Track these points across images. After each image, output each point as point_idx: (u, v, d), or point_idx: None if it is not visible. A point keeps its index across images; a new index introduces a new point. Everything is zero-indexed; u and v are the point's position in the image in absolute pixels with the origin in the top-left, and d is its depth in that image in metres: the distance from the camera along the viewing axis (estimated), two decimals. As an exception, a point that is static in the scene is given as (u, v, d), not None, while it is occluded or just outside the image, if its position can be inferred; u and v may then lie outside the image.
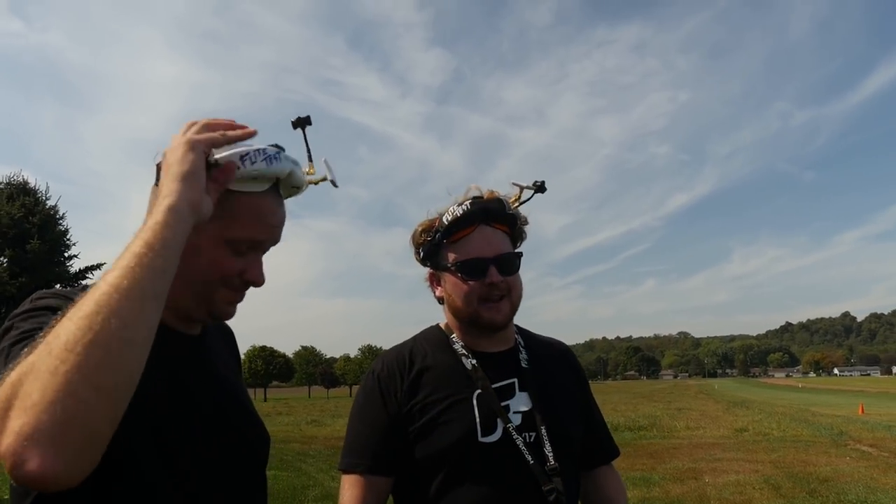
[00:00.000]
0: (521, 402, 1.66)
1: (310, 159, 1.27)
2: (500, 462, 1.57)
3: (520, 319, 1.82)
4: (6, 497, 7.38)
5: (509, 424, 1.61)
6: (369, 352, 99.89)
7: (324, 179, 1.28)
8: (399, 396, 1.66)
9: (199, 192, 1.04)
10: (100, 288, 0.88)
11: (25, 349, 0.86)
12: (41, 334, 0.87)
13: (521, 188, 1.73)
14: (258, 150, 1.15)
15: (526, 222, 1.75)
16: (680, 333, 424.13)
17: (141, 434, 1.06)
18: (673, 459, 12.89)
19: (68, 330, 0.84)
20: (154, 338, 0.92)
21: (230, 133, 1.11)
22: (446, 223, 1.67)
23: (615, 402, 36.90)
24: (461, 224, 1.66)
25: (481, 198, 1.69)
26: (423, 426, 1.62)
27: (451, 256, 1.69)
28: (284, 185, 1.21)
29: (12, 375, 0.83)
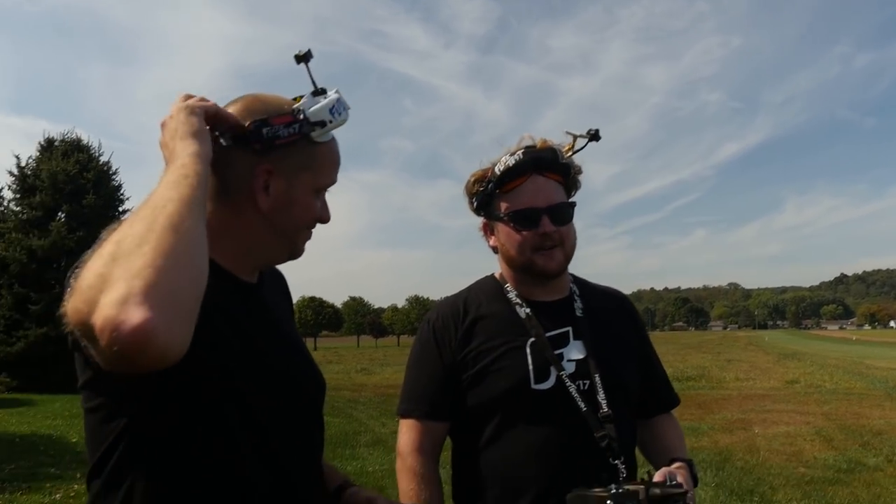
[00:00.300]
0: (574, 351, 1.66)
1: (314, 86, 1.27)
2: (552, 409, 1.59)
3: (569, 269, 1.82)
4: (74, 440, 7.80)
5: (562, 372, 1.61)
6: (416, 302, 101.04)
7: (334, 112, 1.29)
8: (453, 345, 1.69)
9: (209, 147, 1.10)
10: (152, 198, 0.96)
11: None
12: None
13: (575, 137, 1.71)
14: (339, 101, 1.23)
15: (580, 171, 1.73)
16: (730, 285, 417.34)
17: (212, 376, 1.11)
18: (722, 410, 12.84)
19: (140, 220, 0.91)
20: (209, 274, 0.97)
21: (223, 109, 1.19)
22: (499, 173, 1.67)
23: (662, 352, 36.29)
24: (514, 174, 1.66)
25: (534, 147, 1.68)
26: (476, 374, 1.65)
27: (504, 206, 1.69)
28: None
29: (93, 264, 0.88)
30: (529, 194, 1.66)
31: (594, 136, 1.70)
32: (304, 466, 1.29)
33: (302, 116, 1.20)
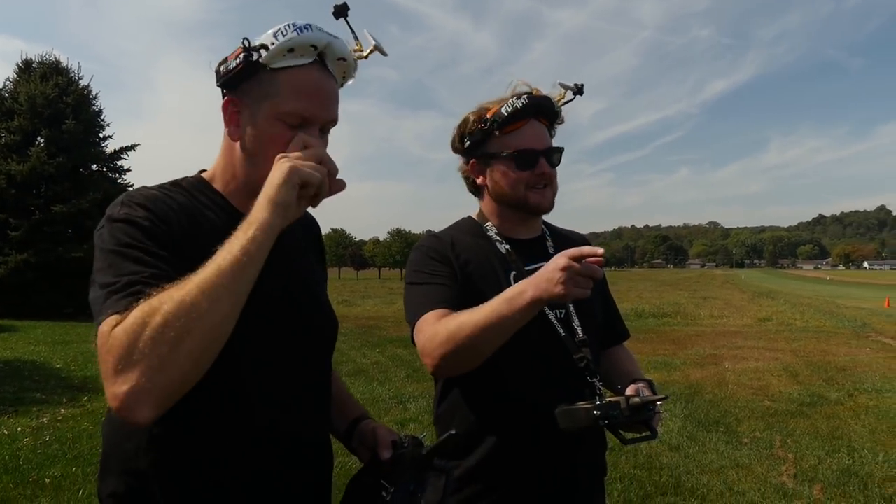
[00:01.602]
0: None
1: (356, 38, 1.35)
2: (533, 333, 1.66)
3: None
4: (58, 365, 7.84)
5: None
6: (398, 235, 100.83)
7: (372, 51, 1.35)
8: (452, 261, 1.76)
9: (286, 220, 1.15)
10: (207, 277, 1.07)
11: (139, 302, 1.05)
12: (155, 294, 1.06)
13: (566, 89, 1.85)
14: (289, 23, 1.24)
15: (563, 121, 1.86)
16: (710, 223, 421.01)
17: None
18: (695, 346, 13.15)
19: (176, 311, 1.03)
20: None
21: (326, 182, 1.19)
22: (505, 114, 1.76)
23: (640, 289, 37.20)
24: (517, 116, 1.77)
25: (532, 93, 1.79)
26: (465, 298, 1.70)
27: (504, 146, 1.79)
28: (329, 58, 1.29)
29: (130, 325, 1.02)
30: (529, 137, 1.78)
31: (579, 90, 1.85)
32: (302, 398, 1.34)
33: (247, 44, 1.24)
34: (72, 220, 19.29)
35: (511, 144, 1.78)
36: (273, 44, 1.23)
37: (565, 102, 1.86)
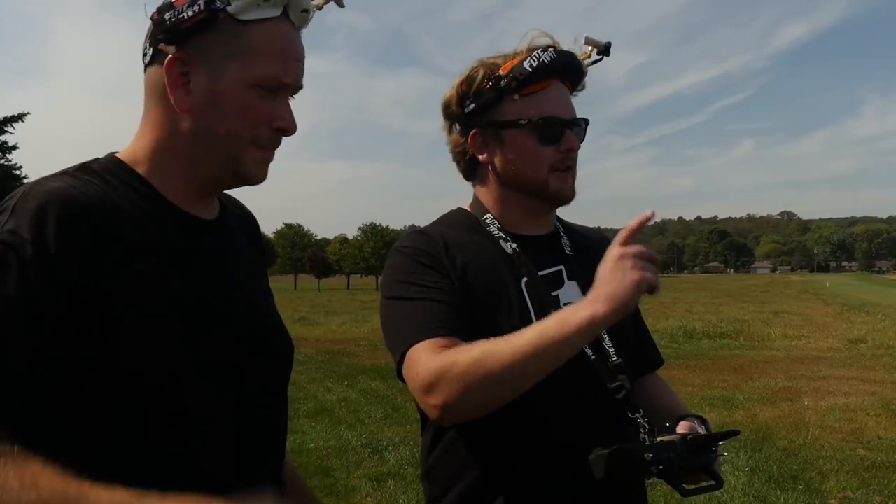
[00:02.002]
0: (571, 293, 1.78)
1: None
2: None
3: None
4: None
5: None
6: (373, 232, 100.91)
7: (328, 1, 1.41)
8: (447, 266, 1.73)
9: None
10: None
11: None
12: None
13: (593, 48, 1.84)
14: None
15: (584, 87, 1.87)
16: (782, 214, 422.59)
17: (146, 331, 1.19)
18: (763, 376, 13.17)
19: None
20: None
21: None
22: (529, 70, 1.73)
23: (691, 301, 37.02)
24: (541, 74, 1.74)
25: (555, 47, 1.77)
26: (472, 309, 1.71)
27: (523, 112, 1.76)
28: (294, 9, 1.33)
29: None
30: (555, 102, 1.77)
31: (606, 49, 1.85)
32: (256, 435, 1.36)
33: None
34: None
35: (532, 111, 1.76)
36: None
37: (591, 63, 1.85)
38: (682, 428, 1.61)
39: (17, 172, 22.97)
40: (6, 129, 22.02)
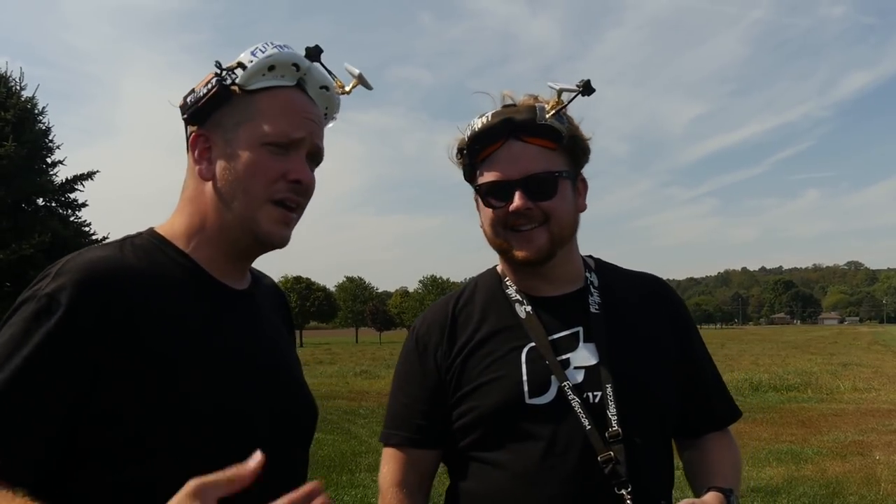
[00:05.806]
0: (584, 356, 1.74)
1: (334, 77, 1.50)
2: (549, 427, 1.67)
3: (629, 243, 1.91)
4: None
5: (565, 383, 1.69)
6: (433, 285, 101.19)
7: (355, 85, 1.51)
8: (439, 357, 1.80)
9: None
10: None
11: None
12: None
13: (559, 91, 1.74)
14: (266, 42, 1.38)
15: (574, 131, 1.78)
16: (849, 264, 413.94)
17: (173, 399, 1.24)
18: (833, 429, 12.90)
19: None
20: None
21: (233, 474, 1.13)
22: (467, 139, 1.78)
23: (756, 353, 36.68)
24: (485, 139, 1.75)
25: (512, 107, 1.76)
26: (464, 387, 1.75)
27: (479, 177, 1.80)
28: (310, 84, 1.42)
29: None
30: (501, 164, 1.75)
31: (585, 87, 1.73)
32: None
33: (220, 70, 1.36)
34: (10, 271, 19.73)
35: (484, 174, 1.78)
36: (251, 61, 1.35)
37: (562, 108, 1.74)
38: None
39: (87, 229, 23.54)
40: (76, 187, 22.64)
